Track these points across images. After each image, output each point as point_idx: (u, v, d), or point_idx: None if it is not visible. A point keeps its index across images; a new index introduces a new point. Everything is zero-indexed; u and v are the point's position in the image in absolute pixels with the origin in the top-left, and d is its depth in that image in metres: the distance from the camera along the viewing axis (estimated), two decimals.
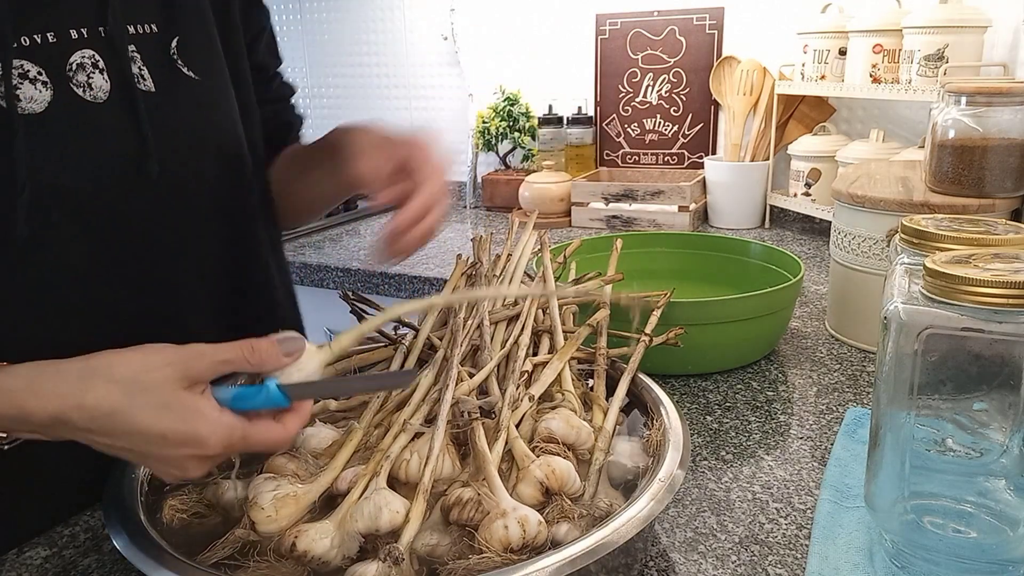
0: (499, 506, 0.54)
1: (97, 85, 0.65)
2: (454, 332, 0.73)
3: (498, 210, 2.04)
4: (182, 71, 0.71)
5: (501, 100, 2.03)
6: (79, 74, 0.64)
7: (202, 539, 0.56)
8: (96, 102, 0.65)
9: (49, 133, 0.62)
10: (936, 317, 0.52)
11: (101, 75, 0.65)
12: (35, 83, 0.61)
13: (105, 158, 0.66)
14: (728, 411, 0.87)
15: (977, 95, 0.95)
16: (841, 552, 0.61)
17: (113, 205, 0.67)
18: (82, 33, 0.64)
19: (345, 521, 0.55)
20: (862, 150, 1.50)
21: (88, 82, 0.64)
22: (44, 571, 0.62)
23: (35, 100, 0.61)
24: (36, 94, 0.61)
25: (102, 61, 0.65)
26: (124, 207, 0.68)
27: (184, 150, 0.71)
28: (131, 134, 0.67)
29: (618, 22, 1.90)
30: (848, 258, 1.02)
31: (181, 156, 0.71)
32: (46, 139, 0.62)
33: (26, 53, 0.61)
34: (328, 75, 2.33)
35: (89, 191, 0.65)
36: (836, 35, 1.53)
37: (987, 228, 0.62)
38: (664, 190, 1.71)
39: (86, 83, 0.64)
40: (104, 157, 0.66)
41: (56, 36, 0.63)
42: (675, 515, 0.68)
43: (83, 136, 0.64)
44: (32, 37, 0.61)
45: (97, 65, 0.65)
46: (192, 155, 0.72)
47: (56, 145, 0.63)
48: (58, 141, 0.63)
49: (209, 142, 0.74)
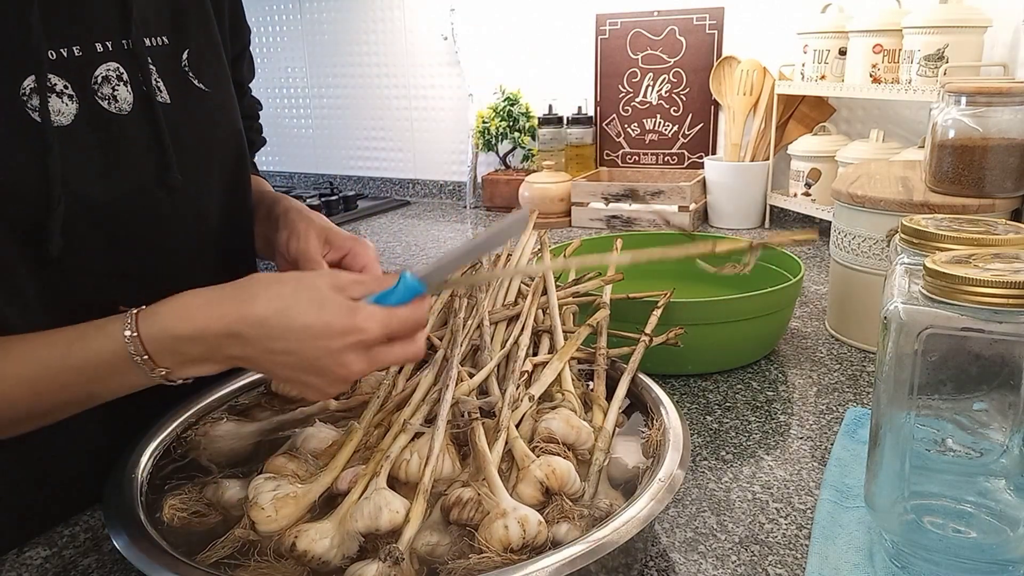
0: (499, 506, 0.54)
1: (122, 97, 0.66)
2: (454, 332, 0.73)
3: (498, 210, 2.04)
4: (193, 83, 0.72)
5: (501, 100, 2.03)
6: (104, 87, 0.65)
7: (202, 539, 0.56)
8: (121, 114, 0.65)
9: (76, 146, 0.62)
10: (936, 317, 0.52)
11: (125, 87, 0.66)
12: (61, 96, 0.62)
13: (130, 170, 0.66)
14: (728, 411, 0.87)
15: (977, 95, 0.95)
16: (841, 552, 0.61)
17: (137, 215, 0.68)
18: (107, 46, 0.65)
19: (345, 521, 0.55)
20: (862, 150, 1.50)
21: (113, 95, 0.65)
22: (44, 571, 0.62)
23: (62, 113, 0.62)
24: (63, 107, 0.62)
25: (126, 74, 0.66)
26: (147, 217, 0.69)
27: (197, 160, 0.72)
28: (153, 146, 0.67)
29: (618, 22, 1.90)
30: (848, 258, 1.02)
31: (194, 167, 0.72)
32: (74, 152, 0.62)
33: (53, 67, 0.61)
34: (328, 75, 2.33)
35: (115, 202, 0.65)
36: (836, 35, 1.53)
37: (987, 228, 0.62)
38: (664, 190, 1.71)
39: (111, 96, 0.65)
40: (129, 169, 0.66)
41: (82, 50, 0.63)
42: (675, 515, 0.67)
43: (109, 148, 0.65)
44: (59, 51, 0.62)
45: (121, 78, 0.66)
46: (204, 165, 0.73)
47: (83, 158, 0.63)
48: (85, 154, 0.63)
49: (217, 152, 0.75)
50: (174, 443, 0.69)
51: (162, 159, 0.68)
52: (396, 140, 2.29)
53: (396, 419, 0.65)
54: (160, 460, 0.67)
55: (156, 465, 0.66)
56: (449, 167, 2.23)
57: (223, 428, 0.70)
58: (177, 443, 0.69)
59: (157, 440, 0.68)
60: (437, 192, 2.26)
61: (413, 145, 2.27)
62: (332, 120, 2.37)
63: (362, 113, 2.31)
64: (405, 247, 1.74)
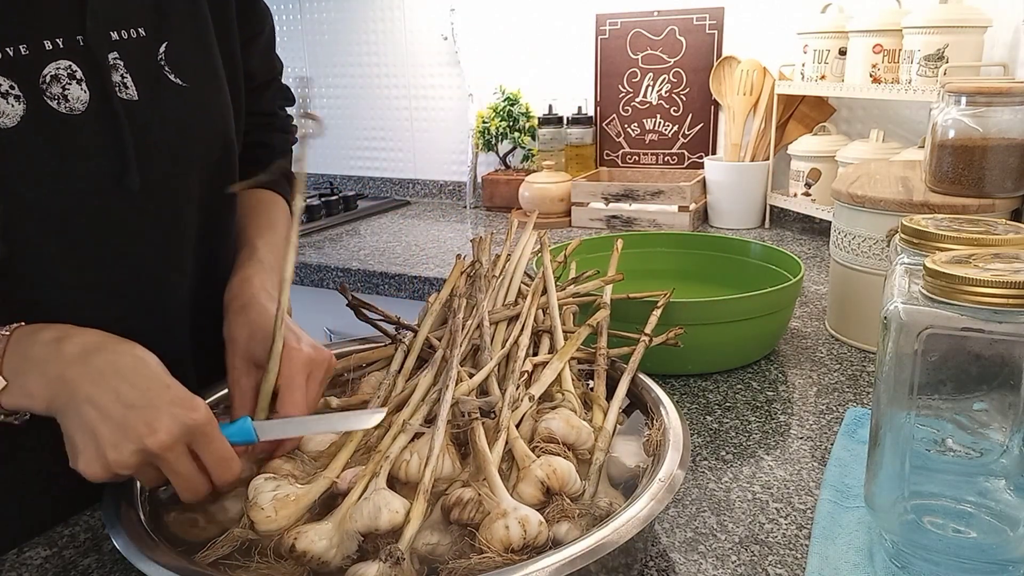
0: (500, 506, 0.54)
1: (74, 96, 0.62)
2: (453, 332, 0.73)
3: (498, 210, 2.04)
4: (169, 78, 0.69)
5: (501, 100, 2.03)
6: (53, 86, 0.61)
7: (202, 539, 0.56)
8: (72, 114, 0.62)
9: (21, 148, 0.60)
10: (936, 317, 0.52)
11: (79, 86, 0.63)
12: (7, 97, 0.59)
13: (82, 172, 0.63)
14: (728, 411, 0.87)
15: (977, 95, 0.95)
16: (841, 552, 0.61)
17: (94, 219, 0.65)
18: (57, 43, 0.62)
19: (345, 521, 0.55)
20: (862, 150, 1.50)
21: (63, 94, 0.62)
22: (44, 571, 0.62)
23: (7, 115, 0.59)
24: (8, 108, 0.59)
25: (80, 71, 0.63)
26: (106, 221, 0.66)
27: (168, 160, 0.69)
28: (110, 146, 0.64)
29: (618, 22, 1.90)
30: (848, 258, 1.02)
31: (165, 166, 0.69)
32: (18, 155, 0.60)
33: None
34: (328, 75, 2.33)
35: (66, 206, 0.63)
36: (836, 35, 1.53)
37: (987, 228, 0.62)
38: (664, 190, 1.71)
39: (61, 95, 0.62)
40: (81, 171, 0.63)
41: (28, 48, 0.60)
42: (675, 515, 0.67)
43: (57, 150, 0.62)
44: (4, 50, 0.59)
45: (74, 76, 0.63)
46: (177, 165, 0.70)
47: (29, 160, 0.60)
48: (31, 156, 0.61)
49: (195, 151, 0.72)
50: None
51: (120, 160, 0.65)
52: (396, 140, 2.29)
53: (396, 420, 0.64)
54: None
55: None
56: (449, 167, 2.23)
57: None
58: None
59: None
60: (437, 192, 2.26)
61: (413, 145, 2.27)
62: (332, 120, 2.37)
63: (362, 113, 2.31)
64: (405, 247, 1.74)
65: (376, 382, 0.74)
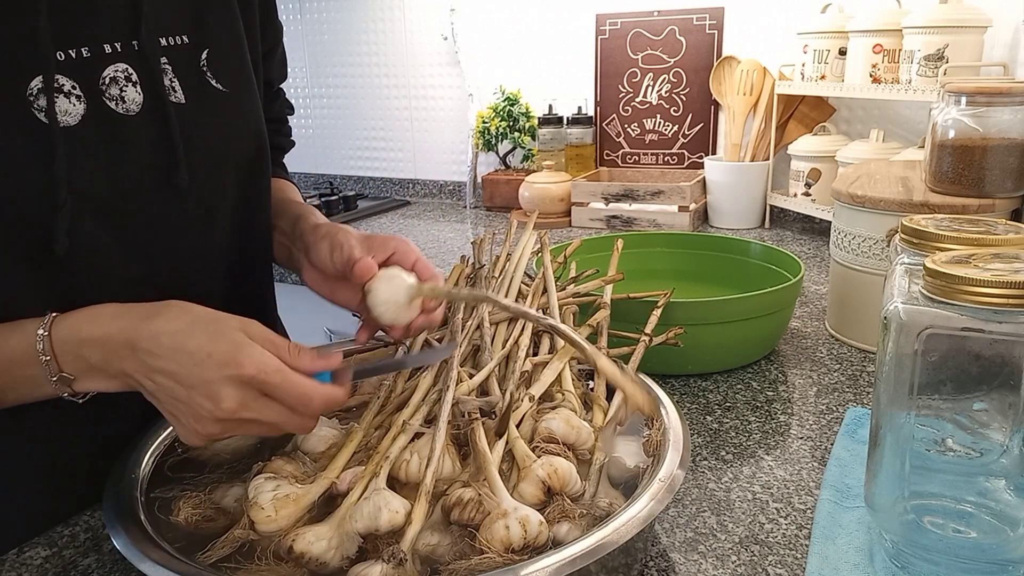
0: (500, 506, 0.54)
1: (130, 98, 0.66)
2: (453, 332, 0.73)
3: (498, 210, 2.04)
4: (211, 83, 0.72)
5: (501, 100, 2.03)
6: (111, 88, 0.65)
7: (202, 539, 0.56)
8: (128, 115, 0.65)
9: (82, 146, 0.63)
10: (936, 317, 0.52)
11: (134, 88, 0.66)
12: (69, 97, 0.62)
13: (135, 170, 0.66)
14: (728, 411, 0.87)
15: (977, 95, 0.95)
16: (841, 552, 0.61)
17: (144, 214, 0.68)
18: (116, 47, 0.65)
19: (344, 522, 0.55)
20: (862, 150, 1.50)
21: (121, 95, 0.65)
22: (44, 571, 0.62)
23: (69, 113, 0.62)
24: (71, 107, 0.62)
25: (135, 74, 0.66)
26: (155, 216, 0.69)
27: (210, 162, 0.72)
28: (162, 145, 0.67)
29: (618, 22, 1.90)
30: (848, 258, 1.02)
31: (207, 168, 0.71)
32: (79, 152, 0.63)
33: (61, 68, 0.62)
34: (328, 75, 2.33)
35: (121, 201, 0.66)
36: (836, 35, 1.53)
37: (987, 228, 0.62)
38: (664, 190, 1.71)
39: (118, 96, 0.65)
40: (135, 169, 0.66)
41: (90, 51, 0.64)
42: (675, 515, 0.68)
43: (114, 148, 0.65)
44: (67, 52, 0.62)
45: (130, 78, 0.66)
46: (217, 167, 0.73)
47: (89, 157, 0.63)
48: (91, 153, 0.63)
49: (232, 155, 0.75)
50: (175, 441, 0.68)
51: (170, 159, 0.68)
52: (396, 140, 2.29)
53: (396, 420, 0.64)
54: (161, 459, 0.67)
55: (156, 464, 0.66)
56: (449, 167, 2.23)
57: None
58: (178, 442, 0.69)
59: (158, 439, 0.68)
60: (437, 192, 2.26)
61: (413, 145, 2.27)
62: (332, 120, 2.37)
63: (362, 113, 2.31)
64: None
65: (376, 382, 0.74)
